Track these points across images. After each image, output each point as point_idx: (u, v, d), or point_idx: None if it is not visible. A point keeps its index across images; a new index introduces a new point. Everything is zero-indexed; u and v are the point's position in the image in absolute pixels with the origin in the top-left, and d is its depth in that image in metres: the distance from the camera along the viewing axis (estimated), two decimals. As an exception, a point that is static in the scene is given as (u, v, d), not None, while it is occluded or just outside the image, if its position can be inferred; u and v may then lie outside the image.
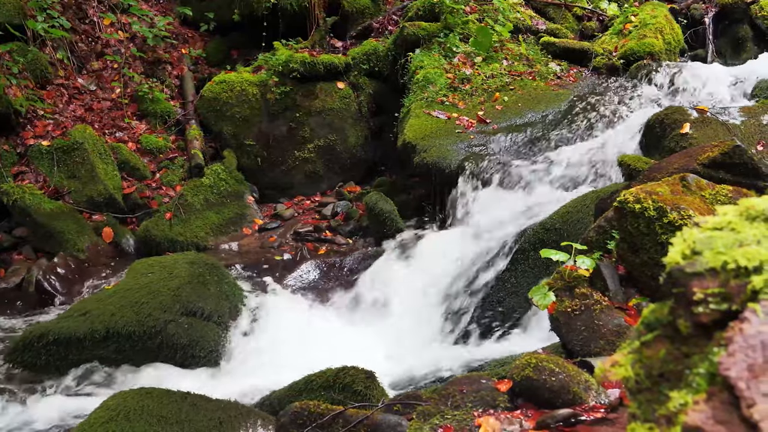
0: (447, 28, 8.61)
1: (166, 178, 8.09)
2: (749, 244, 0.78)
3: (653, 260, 3.00)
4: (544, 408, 2.62)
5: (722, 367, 0.71)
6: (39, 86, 8.20)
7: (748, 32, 9.27)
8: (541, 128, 6.98)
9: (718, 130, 5.45)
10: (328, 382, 3.77)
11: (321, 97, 8.69)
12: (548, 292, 3.22)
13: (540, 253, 3.46)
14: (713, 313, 0.76)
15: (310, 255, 7.11)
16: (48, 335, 4.91)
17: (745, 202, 0.85)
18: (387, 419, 2.87)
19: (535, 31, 9.18)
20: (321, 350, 4.92)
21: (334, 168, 8.78)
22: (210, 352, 5.13)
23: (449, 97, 7.74)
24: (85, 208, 7.34)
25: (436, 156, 6.77)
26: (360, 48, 9.17)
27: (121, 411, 3.42)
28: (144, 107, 8.69)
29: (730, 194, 3.13)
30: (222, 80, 8.70)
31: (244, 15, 9.51)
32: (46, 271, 6.56)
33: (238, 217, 7.95)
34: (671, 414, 0.75)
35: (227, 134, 8.58)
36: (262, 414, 3.74)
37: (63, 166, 7.46)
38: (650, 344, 0.82)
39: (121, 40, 9.08)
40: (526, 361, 2.77)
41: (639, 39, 8.35)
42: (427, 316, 5.58)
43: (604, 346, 3.02)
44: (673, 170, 3.54)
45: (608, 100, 7.17)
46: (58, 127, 7.86)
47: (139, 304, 5.09)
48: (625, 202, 3.06)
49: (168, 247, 7.19)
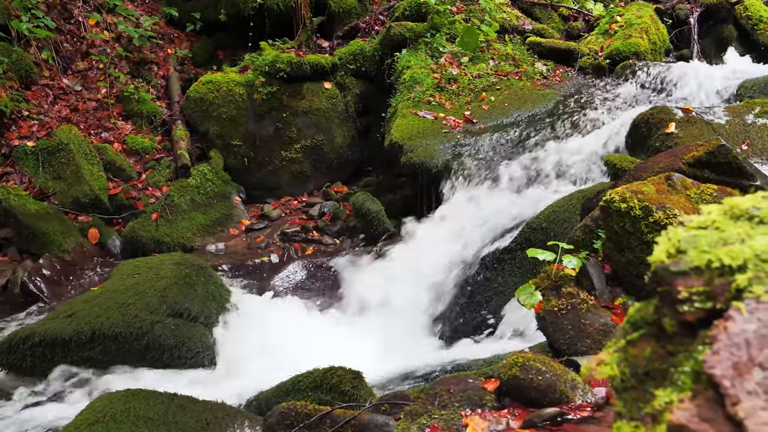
0: (434, 28, 8.62)
1: (153, 178, 8.06)
2: (733, 242, 0.78)
3: (639, 259, 3.01)
4: (531, 407, 2.63)
5: (707, 365, 0.71)
6: (24, 87, 8.15)
7: (733, 32, 9.34)
8: (527, 128, 7.00)
9: (703, 129, 5.47)
10: (316, 383, 3.76)
11: (308, 97, 8.67)
12: (535, 291, 3.23)
13: (527, 253, 3.47)
14: (698, 312, 0.76)
15: (297, 255, 7.11)
16: (33, 337, 4.88)
17: (729, 201, 0.85)
18: (374, 419, 2.87)
19: (522, 31, 9.21)
20: (308, 350, 4.91)
21: (321, 168, 8.77)
22: (197, 353, 5.11)
23: (436, 97, 7.75)
24: (71, 209, 7.30)
25: (422, 156, 6.77)
26: (347, 48, 9.17)
27: (108, 412, 3.41)
28: (130, 107, 8.65)
29: (715, 193, 3.15)
30: (208, 80, 8.67)
31: (231, 15, 9.48)
32: (32, 272, 6.52)
33: (224, 217, 7.93)
34: (656, 412, 0.75)
35: (214, 134, 8.56)
36: (250, 415, 3.73)
37: (48, 167, 7.41)
38: (636, 343, 0.83)
39: (106, 40, 9.03)
40: (513, 361, 2.77)
41: (624, 39, 8.39)
42: (415, 316, 5.58)
43: (590, 345, 3.03)
44: (659, 169, 3.56)
45: (594, 100, 7.19)
46: (43, 127, 7.81)
47: (126, 306, 5.06)
48: (611, 201, 3.07)
49: (154, 248, 7.16)
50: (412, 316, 5.60)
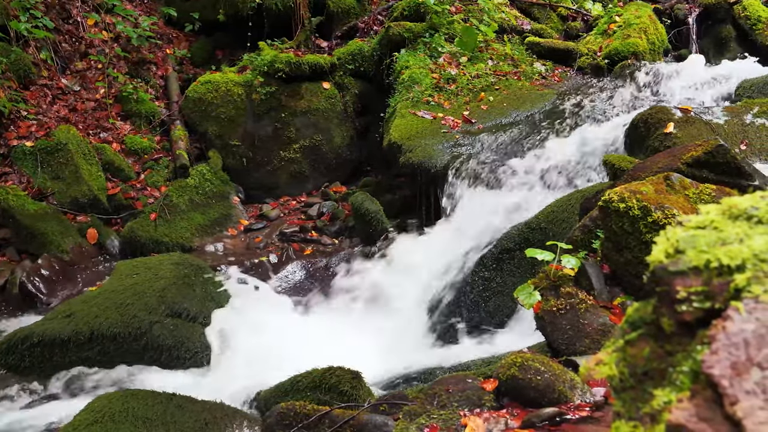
0: (432, 28, 8.62)
1: (151, 178, 8.05)
2: (732, 242, 0.78)
3: (637, 259, 3.02)
4: (530, 407, 2.63)
5: (705, 365, 0.72)
6: (22, 87, 8.15)
7: (731, 32, 9.33)
8: (526, 128, 6.99)
9: (701, 129, 5.48)
10: (315, 383, 3.76)
11: (306, 97, 8.67)
12: (533, 291, 3.23)
13: (525, 253, 3.47)
14: (696, 312, 0.76)
15: (295, 255, 7.10)
16: (32, 337, 4.88)
17: (727, 201, 0.85)
18: (373, 419, 2.87)
19: (520, 31, 9.21)
20: (307, 350, 4.91)
21: (319, 168, 8.76)
22: (195, 353, 5.11)
23: (435, 97, 7.75)
24: (69, 209, 7.29)
25: (421, 156, 6.77)
26: (345, 48, 9.17)
27: (106, 413, 3.41)
28: (128, 108, 8.65)
29: (714, 193, 3.15)
30: (207, 80, 8.67)
31: (229, 15, 9.48)
32: (30, 272, 6.51)
33: (223, 217, 7.93)
34: (655, 412, 0.75)
35: (212, 135, 8.56)
36: (249, 415, 3.73)
37: (47, 167, 7.41)
38: (634, 343, 0.83)
39: (105, 40, 9.02)
40: (511, 361, 2.77)
41: (623, 39, 8.39)
42: (414, 316, 5.58)
43: (589, 345, 3.03)
44: (657, 169, 3.56)
45: (593, 100, 7.19)
46: (41, 127, 7.80)
47: (124, 306, 5.06)
48: (610, 201, 3.07)
49: (153, 248, 7.15)
50: (410, 315, 5.60)
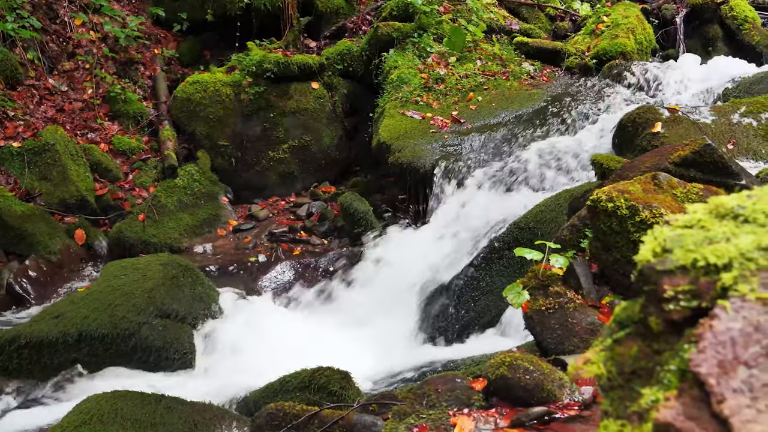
0: (421, 28, 8.63)
1: (139, 179, 8.03)
2: (719, 241, 0.79)
3: (625, 258, 3.02)
4: (519, 406, 2.63)
5: (693, 363, 0.72)
6: (9, 87, 8.10)
7: (718, 32, 9.39)
8: (514, 128, 7.01)
9: (689, 128, 5.50)
10: (304, 383, 3.76)
11: (295, 97, 8.66)
12: (522, 290, 3.24)
13: (514, 252, 3.47)
14: (684, 311, 0.76)
15: (285, 256, 7.09)
16: (20, 338, 4.85)
17: (714, 200, 0.86)
18: (362, 419, 2.87)
19: (509, 31, 9.23)
20: (296, 351, 4.91)
21: (308, 168, 8.76)
22: (184, 354, 5.09)
23: (423, 97, 7.76)
24: (57, 210, 7.26)
25: (410, 156, 6.78)
26: (334, 48, 9.17)
27: (95, 414, 3.39)
28: (116, 108, 8.61)
29: (701, 192, 3.16)
30: (195, 80, 8.65)
31: (218, 15, 9.45)
32: (18, 273, 6.48)
33: (212, 218, 7.91)
34: (643, 411, 0.75)
35: (201, 135, 8.54)
36: (238, 415, 3.72)
37: (34, 168, 7.37)
38: (622, 342, 0.83)
39: (92, 40, 8.98)
40: (500, 360, 2.78)
41: (611, 39, 8.42)
42: (402, 316, 5.58)
43: (577, 344, 3.03)
44: (645, 169, 3.57)
45: (580, 100, 7.21)
46: (28, 128, 7.76)
47: (113, 307, 5.04)
48: (598, 200, 3.08)
49: (141, 249, 7.13)
50: (399, 315, 5.61)
